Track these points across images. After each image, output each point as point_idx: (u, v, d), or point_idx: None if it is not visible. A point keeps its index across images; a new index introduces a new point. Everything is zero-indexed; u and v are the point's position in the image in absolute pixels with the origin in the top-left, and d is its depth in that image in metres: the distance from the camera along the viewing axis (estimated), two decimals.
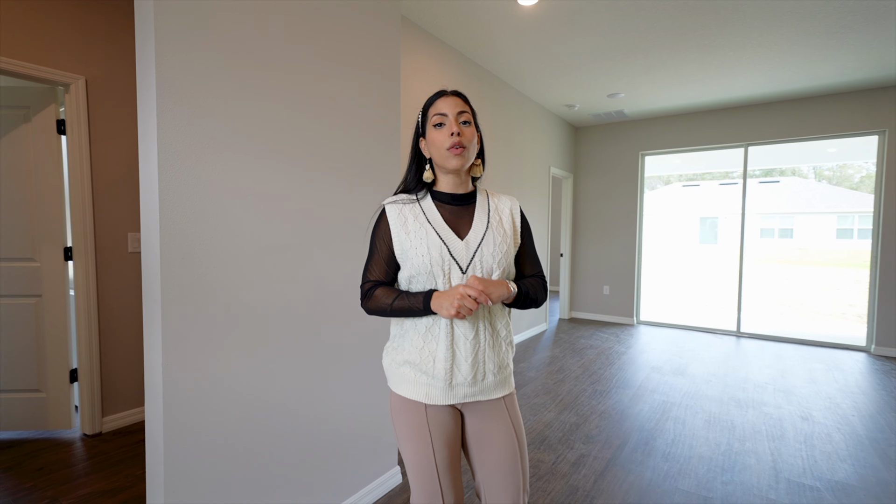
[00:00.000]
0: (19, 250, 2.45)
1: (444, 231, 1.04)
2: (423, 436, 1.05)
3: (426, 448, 1.05)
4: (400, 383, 1.08)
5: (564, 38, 3.44)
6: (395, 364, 1.09)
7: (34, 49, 2.28)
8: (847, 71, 4.02)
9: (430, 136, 1.05)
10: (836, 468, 2.28)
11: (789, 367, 4.05)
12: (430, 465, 1.04)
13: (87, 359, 2.52)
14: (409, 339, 1.07)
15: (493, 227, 1.08)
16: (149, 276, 1.25)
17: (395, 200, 1.09)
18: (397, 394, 1.10)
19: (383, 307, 1.04)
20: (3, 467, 2.19)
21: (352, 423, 1.84)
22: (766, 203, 16.95)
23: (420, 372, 1.05)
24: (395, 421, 1.10)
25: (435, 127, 1.04)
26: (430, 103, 1.07)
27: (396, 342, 1.11)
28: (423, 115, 1.08)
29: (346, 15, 1.76)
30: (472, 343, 1.03)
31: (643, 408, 3.05)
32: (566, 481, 2.14)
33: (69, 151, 2.45)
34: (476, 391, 1.06)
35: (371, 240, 1.09)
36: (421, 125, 1.09)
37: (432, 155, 1.06)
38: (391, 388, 1.12)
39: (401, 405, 1.08)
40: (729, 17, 3.07)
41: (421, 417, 1.05)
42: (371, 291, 1.07)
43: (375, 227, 1.09)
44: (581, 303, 6.31)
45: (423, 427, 1.05)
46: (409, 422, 1.06)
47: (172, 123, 1.23)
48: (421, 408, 1.06)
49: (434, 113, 1.05)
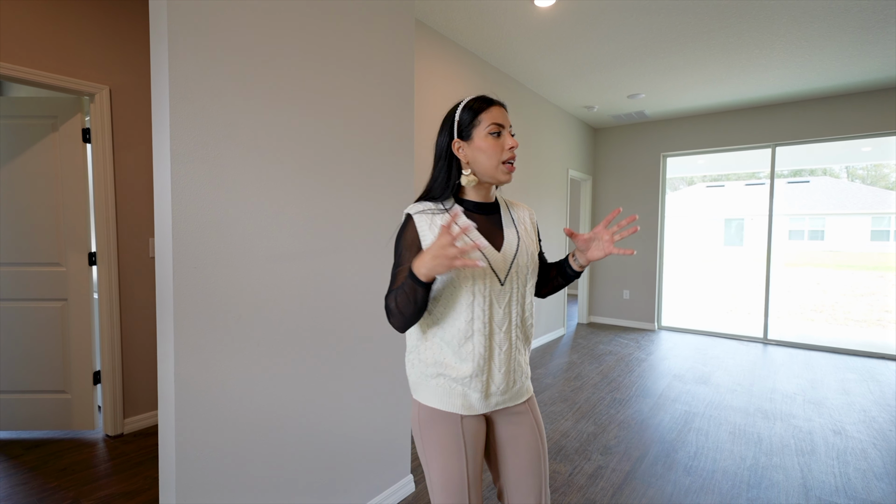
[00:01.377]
0: (46, 255, 2.52)
1: (481, 242, 1.00)
2: (458, 449, 1.02)
3: (460, 461, 1.02)
4: (431, 395, 1.03)
5: (582, 40, 3.38)
6: (425, 376, 1.04)
7: (60, 61, 2.35)
8: (883, 67, 3.84)
9: (481, 143, 0.99)
10: (871, 487, 2.16)
11: (820, 376, 3.87)
12: (462, 479, 1.02)
13: (110, 361, 2.58)
14: (440, 352, 1.02)
15: (522, 237, 1.08)
16: (162, 284, 1.26)
17: (423, 210, 1.02)
18: (427, 406, 1.04)
19: (393, 310, 0.96)
20: (30, 466, 2.25)
21: (364, 431, 1.83)
22: (795, 204, 16.37)
23: (456, 383, 1.01)
24: (424, 434, 1.04)
25: (491, 135, 0.99)
26: (481, 108, 1.01)
27: (421, 353, 1.05)
28: (471, 116, 1.01)
29: (360, 20, 1.75)
30: (507, 353, 1.03)
31: (664, 418, 2.96)
32: (583, 494, 2.09)
33: (94, 159, 2.52)
34: (507, 398, 1.07)
35: (397, 251, 1.01)
36: (464, 127, 1.01)
37: (477, 162, 1.01)
38: (418, 399, 1.06)
39: (431, 417, 1.03)
40: (755, 15, 2.96)
41: (456, 429, 1.02)
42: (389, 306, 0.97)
43: (401, 237, 1.01)
44: (600, 307, 6.19)
45: (458, 439, 1.02)
46: (441, 435, 1.02)
47: (185, 134, 1.24)
48: (456, 420, 1.03)
49: (491, 121, 1.00)
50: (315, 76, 1.59)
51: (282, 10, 1.47)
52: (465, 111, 1.02)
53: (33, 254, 2.52)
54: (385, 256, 1.90)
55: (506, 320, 1.03)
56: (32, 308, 2.54)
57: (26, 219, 2.51)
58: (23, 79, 2.23)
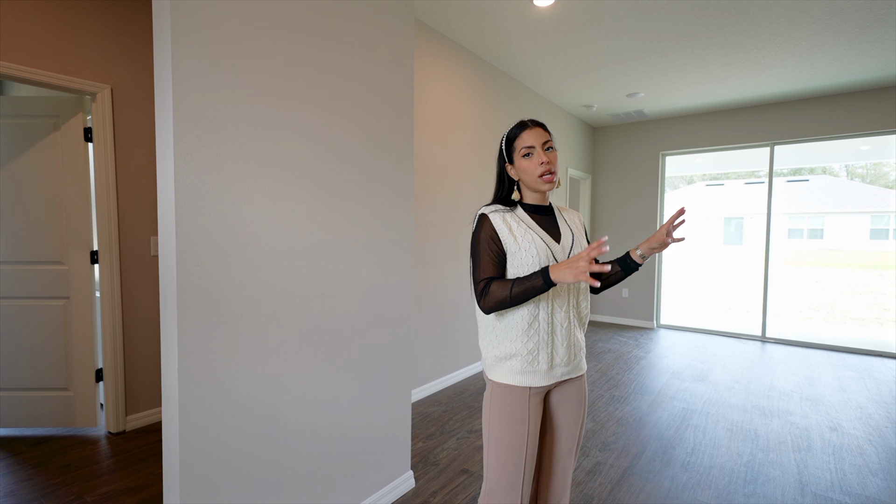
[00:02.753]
0: (49, 254, 2.54)
1: (544, 236, 1.22)
2: (523, 420, 1.18)
3: (522, 432, 1.18)
4: (505, 373, 1.19)
5: (581, 39, 3.39)
6: (500, 359, 1.20)
7: (62, 60, 2.37)
8: (881, 66, 3.85)
9: (520, 165, 1.22)
10: (866, 482, 2.18)
11: (817, 374, 3.90)
12: (521, 449, 1.18)
13: (112, 359, 2.60)
14: (513, 334, 1.18)
15: (575, 234, 1.28)
16: (165, 282, 1.28)
17: (494, 210, 1.22)
18: (500, 382, 1.20)
19: (502, 298, 1.11)
20: (33, 463, 2.27)
21: (365, 427, 1.85)
22: (794, 202, 16.39)
23: (525, 361, 1.18)
24: (494, 408, 1.20)
25: (524, 157, 1.20)
26: (515, 135, 1.22)
27: (497, 338, 1.21)
28: (508, 144, 1.24)
29: (362, 19, 1.76)
30: (567, 330, 1.21)
31: (662, 415, 2.98)
32: (581, 490, 2.11)
33: (95, 158, 2.53)
34: (569, 370, 1.24)
35: (476, 244, 1.19)
36: (507, 154, 1.25)
37: (522, 179, 1.23)
38: (493, 378, 1.22)
39: (503, 392, 1.19)
40: (754, 14, 2.97)
41: (523, 402, 1.18)
42: (487, 288, 1.14)
43: (479, 232, 1.19)
44: (599, 305, 6.21)
45: (523, 412, 1.18)
46: (509, 407, 1.18)
47: (188, 133, 1.26)
48: (525, 393, 1.18)
49: (522, 146, 1.21)
50: (317, 75, 1.61)
51: (283, 9, 1.48)
52: (506, 140, 1.25)
53: (36, 252, 2.54)
54: (386, 254, 1.92)
55: (564, 302, 1.21)
56: (35, 306, 2.55)
57: (28, 217, 2.52)
58: (25, 78, 2.24)
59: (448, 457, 2.41)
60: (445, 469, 2.29)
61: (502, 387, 1.19)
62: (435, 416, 2.97)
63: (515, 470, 1.17)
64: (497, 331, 1.20)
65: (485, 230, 1.18)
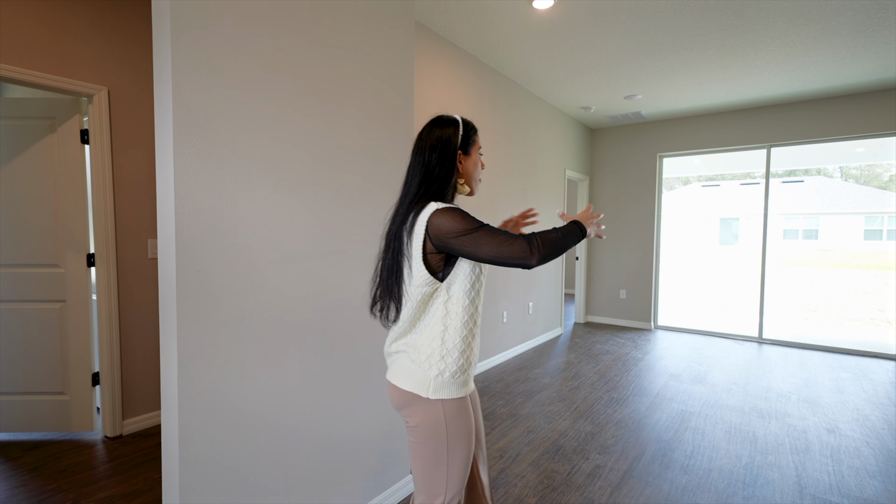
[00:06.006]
0: (45, 257, 2.52)
1: None
2: (472, 426, 1.17)
3: (473, 436, 1.17)
4: (458, 388, 1.13)
5: (579, 41, 3.40)
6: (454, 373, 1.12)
7: (59, 62, 2.35)
8: (877, 69, 3.88)
9: (475, 160, 1.23)
10: (864, 485, 2.19)
11: (814, 375, 3.92)
12: (472, 453, 1.17)
13: (109, 362, 2.58)
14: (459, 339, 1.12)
15: None
16: (165, 287, 1.27)
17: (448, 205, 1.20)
18: (454, 399, 1.13)
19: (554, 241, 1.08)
20: (29, 468, 2.25)
21: (366, 431, 1.84)
22: (789, 203, 16.46)
23: (469, 367, 1.16)
24: (455, 426, 1.13)
25: (479, 155, 1.25)
26: (476, 131, 1.23)
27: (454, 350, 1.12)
28: (468, 135, 1.20)
29: (361, 23, 1.76)
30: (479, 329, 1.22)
31: (661, 417, 2.99)
32: (581, 493, 2.11)
33: (92, 160, 2.51)
34: None
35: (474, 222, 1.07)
36: (466, 143, 1.20)
37: (469, 173, 1.22)
38: (445, 397, 1.12)
39: (457, 406, 1.13)
40: (751, 18, 2.98)
41: (470, 409, 1.17)
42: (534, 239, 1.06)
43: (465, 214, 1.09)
44: (597, 307, 6.22)
45: (472, 418, 1.17)
46: (467, 420, 1.15)
47: (188, 138, 1.25)
48: (468, 400, 1.17)
49: (479, 144, 1.25)
50: (316, 79, 1.60)
51: (284, 9, 1.47)
52: (467, 130, 1.20)
53: (32, 255, 2.51)
54: None
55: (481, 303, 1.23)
56: (31, 309, 2.53)
57: (25, 220, 2.50)
58: (21, 80, 2.22)
59: None
60: None
61: (454, 402, 1.12)
62: None
63: (466, 475, 1.17)
64: (446, 342, 1.12)
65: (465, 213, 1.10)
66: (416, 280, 1.11)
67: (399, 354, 1.18)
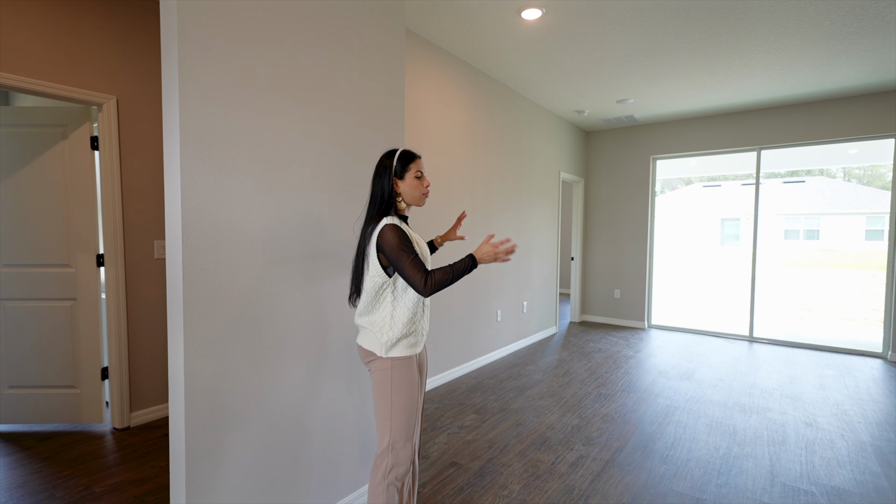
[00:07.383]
0: (57, 257, 2.66)
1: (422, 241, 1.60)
2: (416, 380, 1.50)
3: (416, 391, 1.50)
4: (403, 349, 1.49)
5: (569, 49, 3.52)
6: (398, 338, 1.48)
7: (70, 72, 2.49)
8: (860, 74, 3.98)
9: (412, 182, 1.52)
10: (833, 473, 2.30)
11: (799, 372, 4.02)
12: (416, 405, 1.50)
13: (117, 358, 2.71)
14: (406, 318, 1.48)
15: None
16: (172, 285, 1.40)
17: (398, 221, 1.47)
18: (399, 356, 1.48)
19: (445, 281, 1.40)
20: (42, 457, 2.39)
21: (363, 424, 1.97)
22: (791, 204, 16.50)
23: (414, 335, 1.51)
24: (396, 376, 1.47)
25: (416, 178, 1.52)
26: (412, 158, 1.53)
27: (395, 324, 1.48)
28: (402, 164, 1.51)
29: (352, 36, 1.88)
30: (428, 314, 1.59)
31: (646, 411, 3.10)
32: (563, 481, 2.23)
33: (101, 166, 2.65)
34: (425, 340, 1.71)
35: (404, 246, 1.41)
36: (400, 170, 1.51)
37: (408, 193, 1.52)
38: (391, 356, 1.47)
39: (401, 363, 1.48)
40: (734, 26, 3.10)
41: (414, 367, 1.51)
42: (431, 277, 1.39)
43: (400, 237, 1.41)
44: (592, 306, 6.33)
45: (415, 375, 1.51)
46: (408, 372, 1.48)
47: (194, 142, 1.37)
48: (414, 360, 1.52)
49: (416, 168, 1.53)
50: (316, 87, 1.72)
51: (285, 9, 1.60)
52: (402, 160, 1.51)
53: (44, 255, 2.65)
54: None
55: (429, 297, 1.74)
56: (43, 307, 2.67)
57: (37, 222, 2.64)
58: (34, 90, 2.36)
59: (438, 451, 2.53)
60: (436, 462, 2.41)
61: (400, 360, 1.48)
62: (427, 412, 3.08)
63: (412, 423, 1.48)
64: (395, 319, 1.48)
65: (403, 236, 1.41)
66: (371, 272, 1.45)
67: (363, 328, 1.53)
